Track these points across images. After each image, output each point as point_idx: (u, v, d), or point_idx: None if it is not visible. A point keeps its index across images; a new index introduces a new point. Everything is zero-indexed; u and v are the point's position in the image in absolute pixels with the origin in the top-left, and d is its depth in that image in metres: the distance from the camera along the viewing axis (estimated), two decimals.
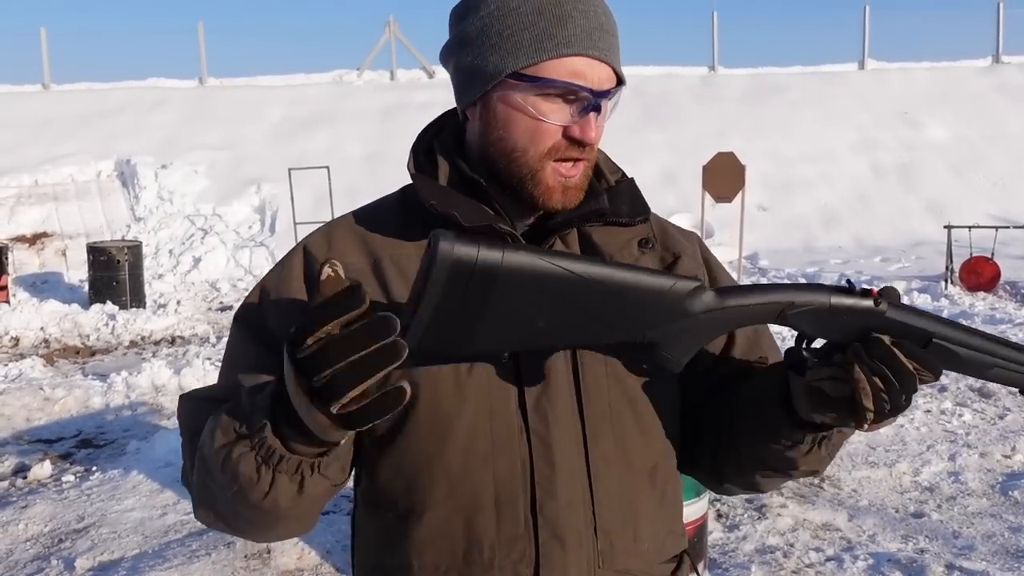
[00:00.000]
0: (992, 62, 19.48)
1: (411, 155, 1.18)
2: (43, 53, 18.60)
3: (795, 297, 0.99)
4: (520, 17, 1.08)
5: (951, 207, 14.24)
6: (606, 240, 1.19)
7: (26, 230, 13.51)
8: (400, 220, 1.17)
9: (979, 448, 5.29)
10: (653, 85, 18.27)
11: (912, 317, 0.99)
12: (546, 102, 1.08)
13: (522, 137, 1.10)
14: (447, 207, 1.10)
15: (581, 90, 1.07)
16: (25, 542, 4.25)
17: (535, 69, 1.07)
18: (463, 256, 0.87)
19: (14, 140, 15.42)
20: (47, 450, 5.65)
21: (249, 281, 12.41)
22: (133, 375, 6.96)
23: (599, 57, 1.08)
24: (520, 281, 0.90)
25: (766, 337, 1.31)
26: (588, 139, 1.09)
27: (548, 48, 1.07)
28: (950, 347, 0.99)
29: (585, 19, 1.08)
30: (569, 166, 1.11)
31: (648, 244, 1.21)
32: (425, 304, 0.88)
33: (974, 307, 9.43)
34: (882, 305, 0.98)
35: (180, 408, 1.16)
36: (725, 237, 13.04)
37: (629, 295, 0.95)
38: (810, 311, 0.99)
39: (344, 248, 1.15)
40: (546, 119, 1.08)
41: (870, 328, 0.98)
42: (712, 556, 3.92)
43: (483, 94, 1.11)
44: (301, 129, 16.46)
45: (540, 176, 1.10)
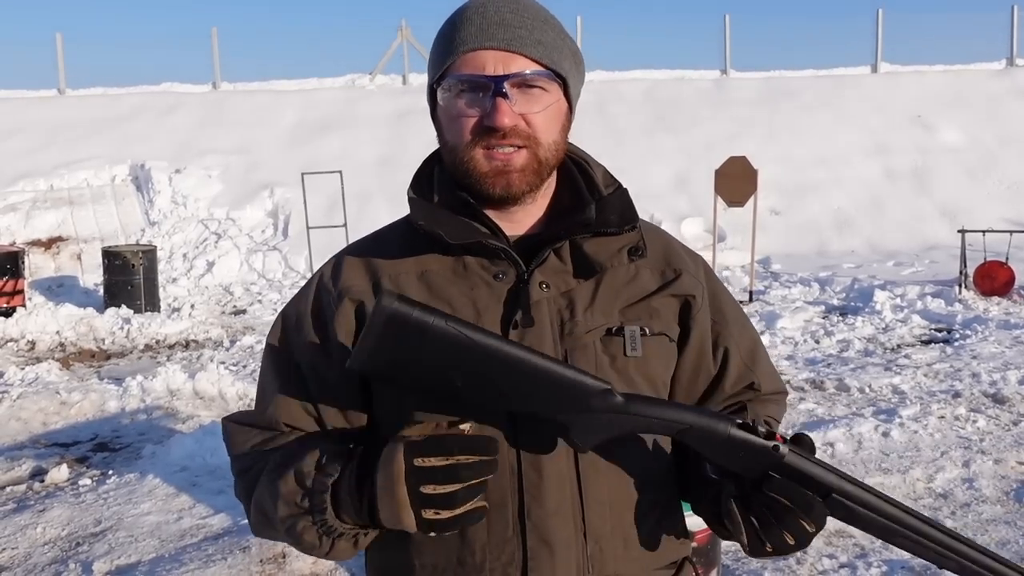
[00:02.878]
0: (1006, 65, 19.40)
1: (412, 179, 1.27)
2: (59, 58, 18.75)
3: (695, 421, 1.03)
4: (439, 36, 1.21)
5: (965, 211, 14.18)
6: (596, 250, 1.22)
7: (42, 234, 13.62)
8: (402, 241, 1.24)
9: (993, 454, 5.27)
10: (665, 89, 18.26)
11: (813, 468, 1.01)
12: (458, 99, 1.16)
13: (450, 135, 1.19)
14: (434, 226, 1.17)
15: (477, 79, 1.14)
16: (43, 545, 4.30)
17: (447, 74, 1.17)
18: (399, 312, 1.01)
19: (30, 145, 15.54)
20: (64, 454, 5.70)
21: (262, 285, 12.48)
22: (148, 379, 7.01)
23: (499, 47, 1.14)
24: (445, 344, 1.02)
25: (762, 361, 1.34)
26: (494, 123, 1.14)
27: (449, 52, 1.17)
28: (850, 505, 1.01)
29: (481, 18, 1.16)
30: (506, 152, 1.16)
31: (638, 252, 1.24)
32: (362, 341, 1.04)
33: (988, 312, 9.38)
34: (781, 450, 1.01)
35: (224, 431, 1.28)
36: (737, 241, 13.03)
37: (541, 381, 1.03)
38: (708, 437, 1.02)
39: (350, 275, 1.24)
40: (462, 113, 1.16)
41: (766, 467, 1.01)
42: (725, 563, 3.93)
43: (432, 112, 1.23)
44: (314, 134, 16.53)
45: (472, 164, 1.17)
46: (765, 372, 1.34)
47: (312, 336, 1.22)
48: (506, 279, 1.19)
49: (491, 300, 1.18)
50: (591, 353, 1.18)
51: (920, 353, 7.91)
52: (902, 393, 6.62)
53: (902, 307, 9.69)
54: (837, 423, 5.79)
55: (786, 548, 1.03)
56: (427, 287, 1.19)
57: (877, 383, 6.85)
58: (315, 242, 12.17)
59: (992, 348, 7.91)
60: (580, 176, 1.27)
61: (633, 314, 1.22)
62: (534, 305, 1.17)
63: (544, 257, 1.19)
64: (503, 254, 1.18)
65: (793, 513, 1.02)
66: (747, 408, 1.31)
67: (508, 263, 1.19)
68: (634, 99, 18.07)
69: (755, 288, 10.93)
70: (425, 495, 1.00)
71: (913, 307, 9.65)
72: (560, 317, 1.19)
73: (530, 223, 1.24)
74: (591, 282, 1.21)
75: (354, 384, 1.20)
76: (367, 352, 1.04)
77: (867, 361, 7.71)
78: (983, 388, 6.63)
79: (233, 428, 1.26)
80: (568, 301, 1.20)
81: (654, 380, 1.22)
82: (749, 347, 1.33)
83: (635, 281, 1.24)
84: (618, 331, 1.19)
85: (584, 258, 1.21)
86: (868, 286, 10.55)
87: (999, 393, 6.47)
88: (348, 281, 1.22)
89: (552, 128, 1.19)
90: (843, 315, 9.60)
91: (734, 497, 1.06)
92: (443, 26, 1.21)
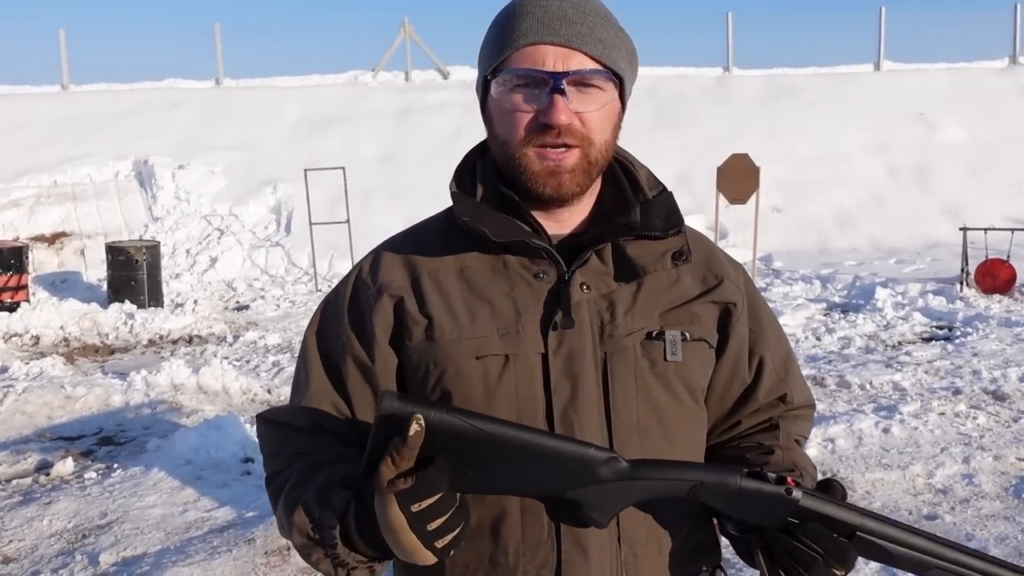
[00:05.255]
0: (1009, 63, 19.38)
1: (455, 172, 1.25)
2: (62, 54, 18.76)
3: (704, 477, 1.01)
4: (494, 26, 1.18)
5: (967, 209, 14.19)
6: (640, 253, 1.20)
7: (45, 230, 13.65)
8: (442, 237, 1.23)
9: (993, 451, 5.29)
10: (667, 86, 18.25)
11: (832, 508, 0.98)
12: (514, 93, 1.14)
13: (502, 129, 1.17)
14: (478, 223, 1.15)
15: (537, 74, 1.12)
16: (49, 537, 4.33)
17: (503, 66, 1.15)
18: (398, 412, 1.00)
19: (33, 141, 15.57)
20: (69, 447, 5.74)
21: (265, 281, 12.51)
22: (152, 374, 7.05)
23: (559, 43, 1.13)
24: (446, 438, 1.01)
25: (794, 373, 1.33)
26: (551, 120, 1.12)
27: (507, 44, 1.14)
28: (877, 542, 0.98)
29: (543, 11, 1.14)
30: (559, 151, 1.14)
31: (682, 257, 1.22)
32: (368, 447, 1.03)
33: (989, 309, 9.40)
34: (795, 493, 0.98)
35: (258, 430, 1.30)
36: (739, 239, 13.04)
37: (547, 459, 1.02)
38: (720, 492, 1.01)
39: (389, 270, 1.23)
40: (518, 108, 1.14)
41: (784, 514, 0.99)
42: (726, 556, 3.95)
43: (482, 104, 1.21)
44: (317, 130, 16.55)
45: (524, 162, 1.15)
46: (797, 384, 1.32)
47: (349, 331, 1.22)
48: (546, 279, 1.17)
49: (531, 299, 1.17)
50: (631, 356, 1.17)
51: (921, 350, 7.94)
52: (903, 390, 6.64)
53: (903, 304, 9.71)
54: (838, 419, 5.82)
55: None
56: (466, 284, 1.18)
57: (878, 380, 6.88)
58: (318, 238, 12.20)
59: (993, 345, 7.93)
60: (624, 177, 1.26)
61: (674, 319, 1.20)
62: (574, 306, 1.16)
63: (586, 258, 1.17)
64: (544, 253, 1.17)
65: (819, 559, 0.99)
66: (778, 426, 1.29)
67: (549, 262, 1.18)
68: (636, 96, 17.54)
69: (757, 285, 10.93)
70: (432, 531, 1.00)
71: (914, 304, 9.67)
72: (600, 319, 1.17)
73: (574, 223, 1.23)
74: (632, 285, 1.20)
75: (391, 380, 1.21)
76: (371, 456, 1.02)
77: (868, 358, 7.73)
78: (983, 385, 6.65)
79: (265, 428, 1.27)
80: (608, 303, 1.18)
81: (692, 386, 1.21)
82: (783, 358, 1.31)
83: (676, 285, 1.22)
84: (659, 335, 1.18)
85: (627, 261, 1.20)
86: (870, 283, 10.57)
87: (999, 390, 6.50)
88: (387, 276, 1.21)
89: (605, 128, 1.18)
90: (844, 312, 9.62)
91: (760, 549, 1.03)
92: (499, 16, 1.19)
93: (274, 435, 1.25)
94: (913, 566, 0.99)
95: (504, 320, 1.16)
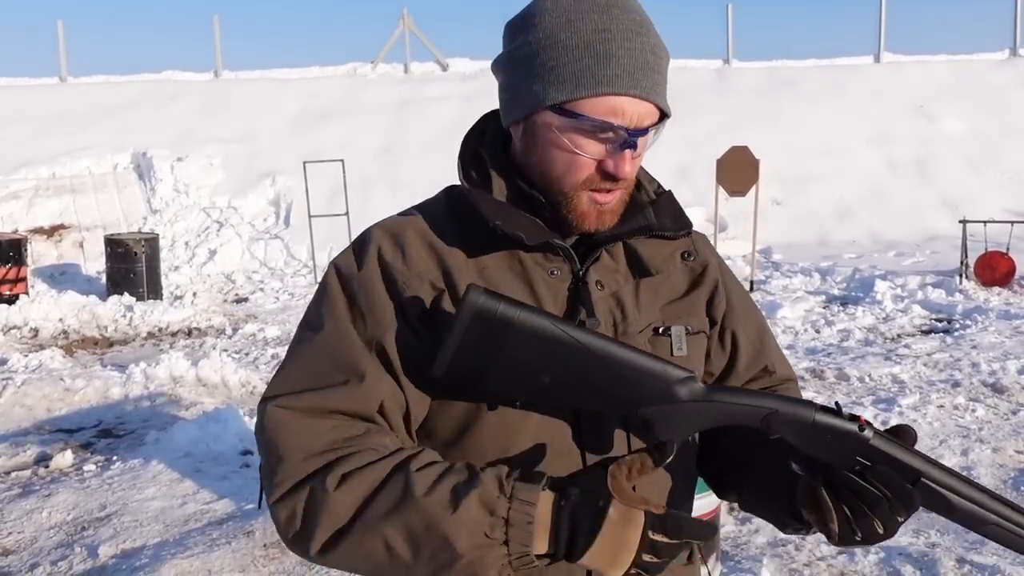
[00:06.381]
0: (1009, 55, 19.33)
1: (460, 166, 1.21)
2: (60, 46, 18.72)
3: (781, 407, 1.01)
4: (565, 51, 1.10)
5: (966, 201, 14.17)
6: (651, 253, 1.23)
7: (44, 222, 13.64)
8: (457, 231, 1.18)
9: (992, 443, 5.30)
10: None
11: (901, 452, 0.99)
12: (582, 136, 1.11)
13: (558, 166, 1.13)
14: (512, 228, 1.12)
15: (616, 128, 1.10)
16: (48, 529, 4.34)
17: (574, 104, 1.09)
18: (485, 307, 1.01)
19: (32, 133, 15.54)
20: (68, 440, 5.74)
21: (264, 273, 12.51)
22: (151, 366, 7.04)
23: (639, 95, 1.10)
24: (530, 339, 1.02)
25: (770, 345, 1.34)
26: (621, 174, 1.12)
27: (588, 86, 1.09)
28: (940, 491, 0.98)
29: (630, 58, 1.09)
30: (604, 193, 1.14)
31: (690, 256, 1.26)
32: (450, 341, 1.03)
33: (989, 302, 9.40)
34: (867, 432, 0.98)
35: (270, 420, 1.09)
36: (739, 231, 13.03)
37: (625, 371, 1.03)
38: (793, 423, 1.00)
39: (417, 255, 1.16)
40: (581, 152, 1.11)
41: (853, 452, 0.99)
42: (725, 549, 3.96)
43: (525, 117, 1.15)
44: (316, 122, 16.52)
45: (574, 203, 1.14)
46: (776, 355, 1.34)
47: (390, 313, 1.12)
48: (561, 276, 1.17)
49: (552, 298, 1.16)
50: None
51: (920, 343, 7.94)
52: (902, 382, 6.64)
53: (903, 297, 9.71)
54: None
55: (875, 537, 0.99)
56: (487, 283, 1.14)
57: (877, 372, 6.88)
58: (317, 231, 12.19)
59: (992, 338, 7.93)
60: None
61: (673, 313, 1.23)
62: (595, 304, 1.17)
63: (596, 257, 1.19)
64: (561, 251, 1.17)
65: (885, 500, 0.98)
66: None
67: (564, 260, 1.17)
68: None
69: (756, 278, 10.94)
70: (644, 562, 0.99)
71: (914, 297, 9.67)
72: (612, 317, 1.18)
73: None
74: (633, 282, 1.21)
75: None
76: (452, 352, 1.03)
77: (867, 351, 7.74)
78: (982, 378, 6.65)
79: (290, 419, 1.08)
80: (617, 301, 1.19)
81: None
82: (756, 330, 1.33)
83: (671, 279, 1.25)
84: (665, 331, 1.20)
85: (639, 260, 1.22)
86: (869, 276, 10.57)
87: (998, 383, 6.50)
88: (419, 264, 1.15)
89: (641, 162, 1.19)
90: (844, 305, 9.62)
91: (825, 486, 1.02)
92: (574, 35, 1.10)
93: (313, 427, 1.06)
94: (972, 520, 0.99)
95: None
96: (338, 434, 1.06)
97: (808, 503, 1.03)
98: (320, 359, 1.11)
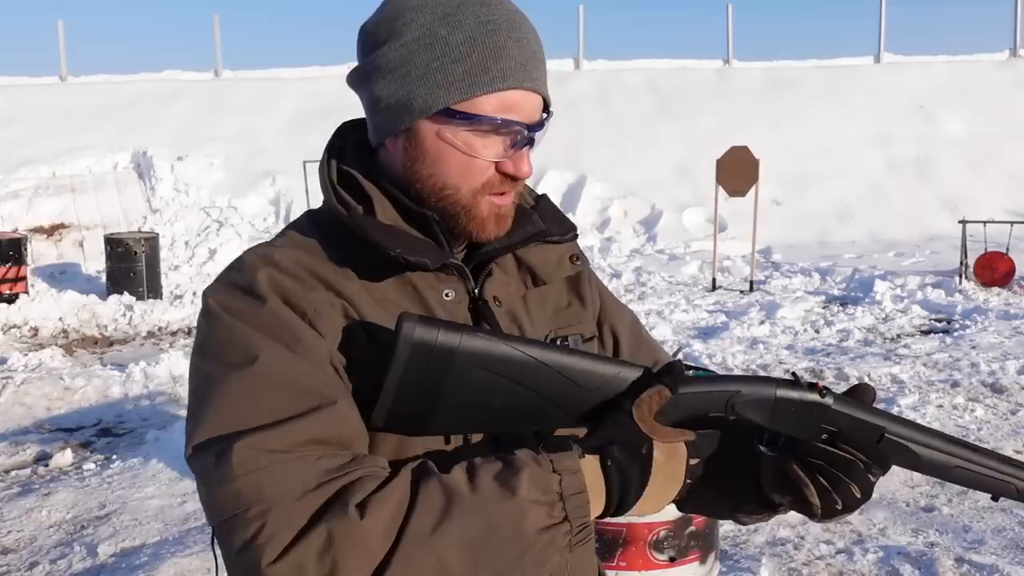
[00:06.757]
0: (1009, 56, 19.33)
1: (330, 188, 1.07)
2: (60, 45, 18.73)
3: (742, 387, 0.99)
4: (450, 48, 1.01)
5: (966, 202, 14.17)
6: (543, 259, 1.17)
7: (44, 221, 13.65)
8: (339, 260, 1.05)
9: (991, 443, 5.30)
10: (667, 79, 18.24)
11: (861, 412, 0.99)
12: (478, 138, 1.03)
13: (454, 174, 1.04)
14: (416, 254, 1.03)
15: (516, 125, 1.03)
16: (48, 528, 4.34)
17: (467, 105, 1.01)
18: (424, 338, 0.93)
19: (32, 132, 15.54)
20: (68, 438, 5.75)
21: None
22: (151, 365, 7.05)
23: (532, 88, 1.04)
24: (478, 363, 0.94)
25: (647, 335, 1.31)
26: (522, 174, 1.05)
27: (482, 83, 1.01)
28: (905, 443, 0.99)
29: (519, 49, 1.03)
30: (501, 196, 1.07)
31: (578, 260, 1.20)
32: (390, 379, 0.94)
33: (988, 302, 9.41)
34: (827, 398, 0.98)
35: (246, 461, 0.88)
36: (739, 231, 13.04)
37: (583, 381, 0.97)
38: (757, 402, 0.99)
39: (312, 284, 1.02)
40: (479, 156, 1.03)
41: (818, 421, 0.98)
42: (723, 548, 3.96)
43: (407, 129, 1.05)
44: (316, 122, 16.49)
45: (474, 211, 1.05)
46: (656, 345, 1.31)
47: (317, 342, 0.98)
48: (456, 296, 1.08)
49: None
50: None
51: (920, 343, 7.94)
52: (901, 382, 6.65)
53: (902, 297, 9.72)
54: None
55: (854, 503, 0.97)
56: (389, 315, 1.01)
57: (876, 372, 6.89)
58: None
59: (992, 338, 7.93)
60: None
61: (564, 321, 1.18)
62: (501, 325, 1.09)
63: (487, 272, 1.11)
64: (455, 270, 1.08)
65: (857, 463, 0.96)
66: None
67: (457, 279, 1.08)
68: (636, 89, 18.04)
69: (756, 278, 10.95)
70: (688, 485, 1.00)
71: (913, 297, 9.68)
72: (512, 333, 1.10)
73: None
74: (523, 293, 1.15)
75: None
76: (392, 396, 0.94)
77: (867, 351, 7.74)
78: (982, 378, 6.66)
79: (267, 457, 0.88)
80: (513, 317, 1.12)
81: None
82: (631, 324, 1.29)
83: (554, 286, 1.19)
84: (563, 341, 1.14)
85: (529, 270, 1.15)
86: (869, 276, 10.57)
87: (998, 383, 6.50)
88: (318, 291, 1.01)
89: None
90: (843, 305, 9.63)
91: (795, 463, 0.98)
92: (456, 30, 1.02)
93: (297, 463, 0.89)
94: (937, 467, 1.00)
95: None
96: (329, 463, 0.89)
97: (778, 485, 0.99)
98: (270, 391, 0.93)
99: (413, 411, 0.96)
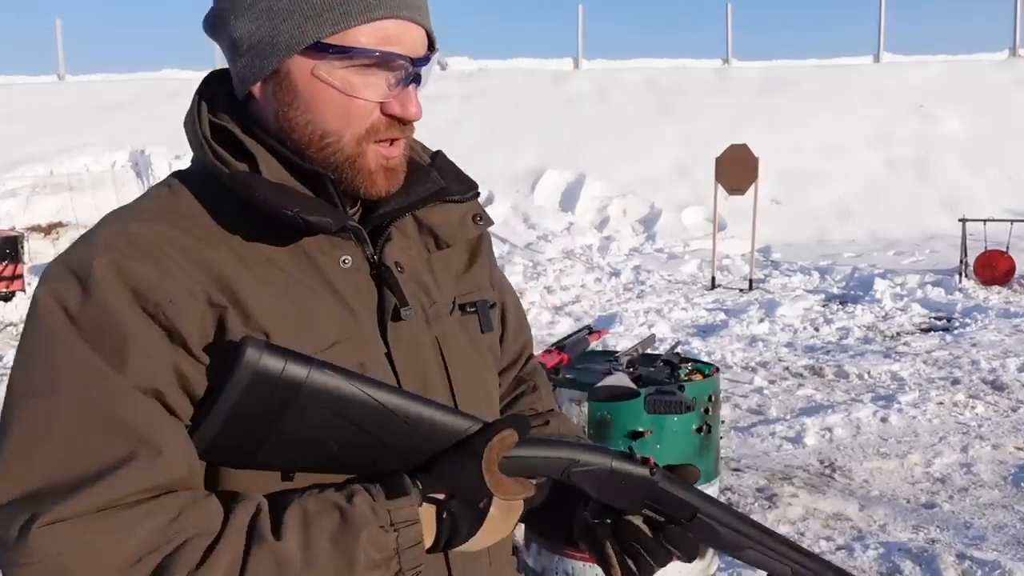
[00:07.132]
0: (1009, 55, 19.33)
1: (204, 145, 0.94)
2: (58, 44, 18.71)
3: (580, 456, 0.99)
4: None
5: (966, 200, 14.16)
6: (445, 219, 1.08)
7: (41, 220, 13.62)
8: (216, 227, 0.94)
9: (991, 440, 5.27)
10: (666, 78, 18.22)
11: (681, 491, 1.02)
12: (357, 75, 0.92)
13: (333, 119, 0.93)
14: (313, 214, 0.92)
15: (398, 59, 0.92)
16: None
17: (340, 37, 0.90)
18: (268, 367, 0.84)
19: (30, 130, 15.52)
20: None
21: None
22: None
23: (412, 18, 0.93)
24: (322, 402, 0.87)
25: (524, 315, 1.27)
26: (410, 115, 0.95)
27: (356, 12, 0.90)
28: (712, 524, 1.03)
29: None
30: (389, 146, 0.96)
31: (481, 220, 1.10)
32: (220, 407, 0.85)
33: (988, 301, 9.38)
34: (656, 475, 1.00)
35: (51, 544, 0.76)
36: (738, 230, 13.01)
37: (422, 429, 0.92)
38: (593, 472, 0.99)
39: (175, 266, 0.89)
40: (360, 96, 0.93)
41: (645, 496, 1.01)
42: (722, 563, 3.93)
43: (275, 71, 0.93)
44: None
45: (361, 162, 0.95)
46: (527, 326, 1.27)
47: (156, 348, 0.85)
48: (355, 263, 0.98)
49: (358, 293, 0.98)
50: (458, 335, 1.06)
51: (919, 341, 7.91)
52: (901, 380, 6.62)
53: (902, 296, 9.69)
54: (836, 409, 5.80)
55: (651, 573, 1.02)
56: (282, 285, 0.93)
57: (876, 370, 6.86)
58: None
59: (992, 336, 7.91)
60: None
61: (467, 287, 1.10)
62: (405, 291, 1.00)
63: (387, 235, 1.01)
64: (353, 234, 0.97)
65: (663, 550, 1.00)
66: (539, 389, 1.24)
67: (355, 244, 0.98)
68: (635, 88, 18.02)
69: (755, 276, 10.92)
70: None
71: (913, 296, 9.65)
72: (420, 302, 1.02)
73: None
74: (426, 256, 1.07)
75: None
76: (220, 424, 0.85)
77: (866, 348, 7.71)
78: (982, 375, 6.63)
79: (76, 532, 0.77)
80: (419, 282, 1.04)
81: (498, 356, 1.15)
82: (515, 301, 1.24)
83: (456, 249, 1.11)
84: (471, 307, 1.08)
85: (430, 231, 1.07)
86: (868, 275, 10.54)
87: (998, 380, 6.48)
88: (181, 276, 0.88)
89: None
90: (843, 303, 9.60)
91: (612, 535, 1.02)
92: None
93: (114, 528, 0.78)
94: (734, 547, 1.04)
95: (341, 323, 0.95)
96: (152, 524, 0.79)
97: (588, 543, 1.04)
98: (80, 432, 0.80)
99: (239, 444, 0.87)
